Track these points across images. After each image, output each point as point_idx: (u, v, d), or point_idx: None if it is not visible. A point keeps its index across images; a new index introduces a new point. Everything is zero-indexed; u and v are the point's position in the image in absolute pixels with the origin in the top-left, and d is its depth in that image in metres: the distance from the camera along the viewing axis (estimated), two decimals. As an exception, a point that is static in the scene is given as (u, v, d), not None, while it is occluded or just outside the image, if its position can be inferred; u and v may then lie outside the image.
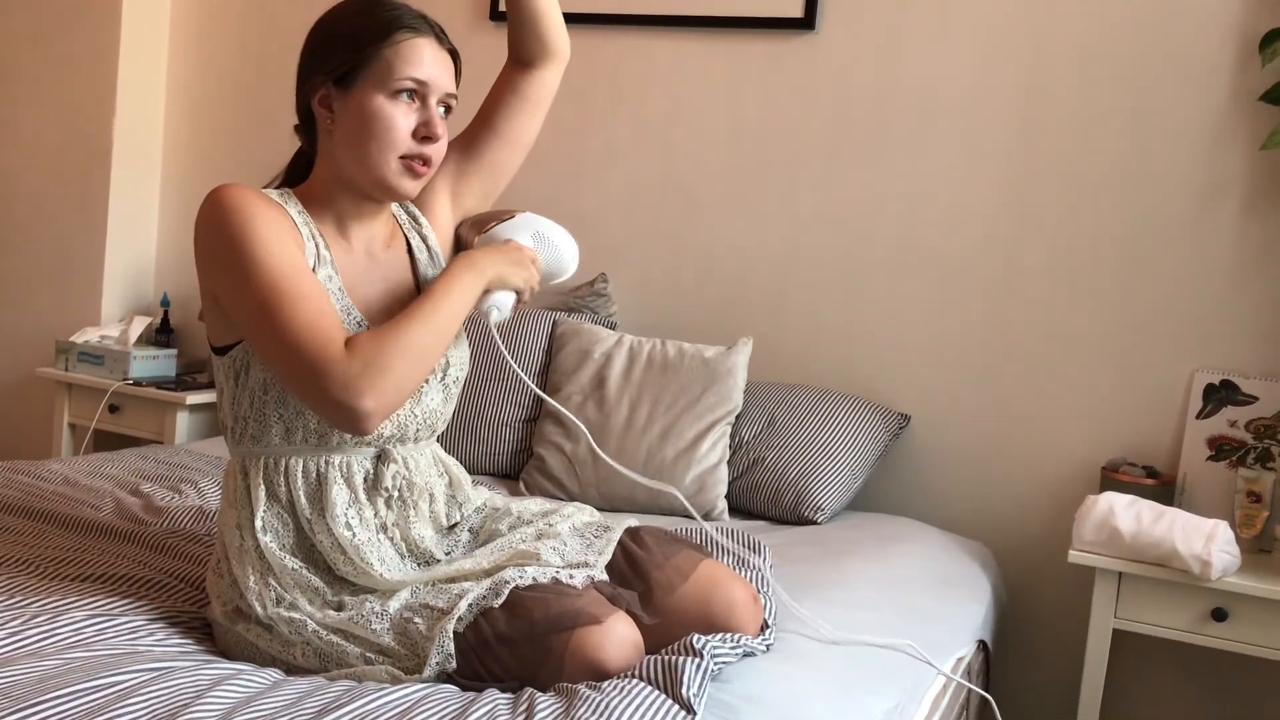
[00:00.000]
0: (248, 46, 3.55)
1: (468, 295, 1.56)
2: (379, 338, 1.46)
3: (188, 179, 3.65)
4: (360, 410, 1.43)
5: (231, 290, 1.50)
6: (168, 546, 1.91)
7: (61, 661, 1.41)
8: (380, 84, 1.55)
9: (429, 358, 1.50)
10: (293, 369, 1.45)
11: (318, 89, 1.59)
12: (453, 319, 1.53)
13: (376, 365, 1.44)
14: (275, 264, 1.47)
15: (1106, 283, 2.68)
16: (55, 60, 3.60)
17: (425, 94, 1.57)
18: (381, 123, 1.55)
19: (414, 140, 1.57)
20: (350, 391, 1.42)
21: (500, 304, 1.61)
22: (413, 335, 1.48)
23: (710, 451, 2.58)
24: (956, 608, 2.21)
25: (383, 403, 1.44)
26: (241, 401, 1.58)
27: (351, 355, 1.44)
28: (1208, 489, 2.54)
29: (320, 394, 1.43)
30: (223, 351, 1.59)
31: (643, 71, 3.08)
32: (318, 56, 1.60)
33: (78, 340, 3.39)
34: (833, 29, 2.90)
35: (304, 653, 1.52)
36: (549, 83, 1.80)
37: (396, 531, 1.61)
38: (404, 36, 1.56)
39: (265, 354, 1.48)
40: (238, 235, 1.48)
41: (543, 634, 1.45)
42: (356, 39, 1.56)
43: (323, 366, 1.43)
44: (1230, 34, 2.56)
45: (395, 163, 1.57)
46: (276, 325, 1.44)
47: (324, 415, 1.46)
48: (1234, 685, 2.59)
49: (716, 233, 3.02)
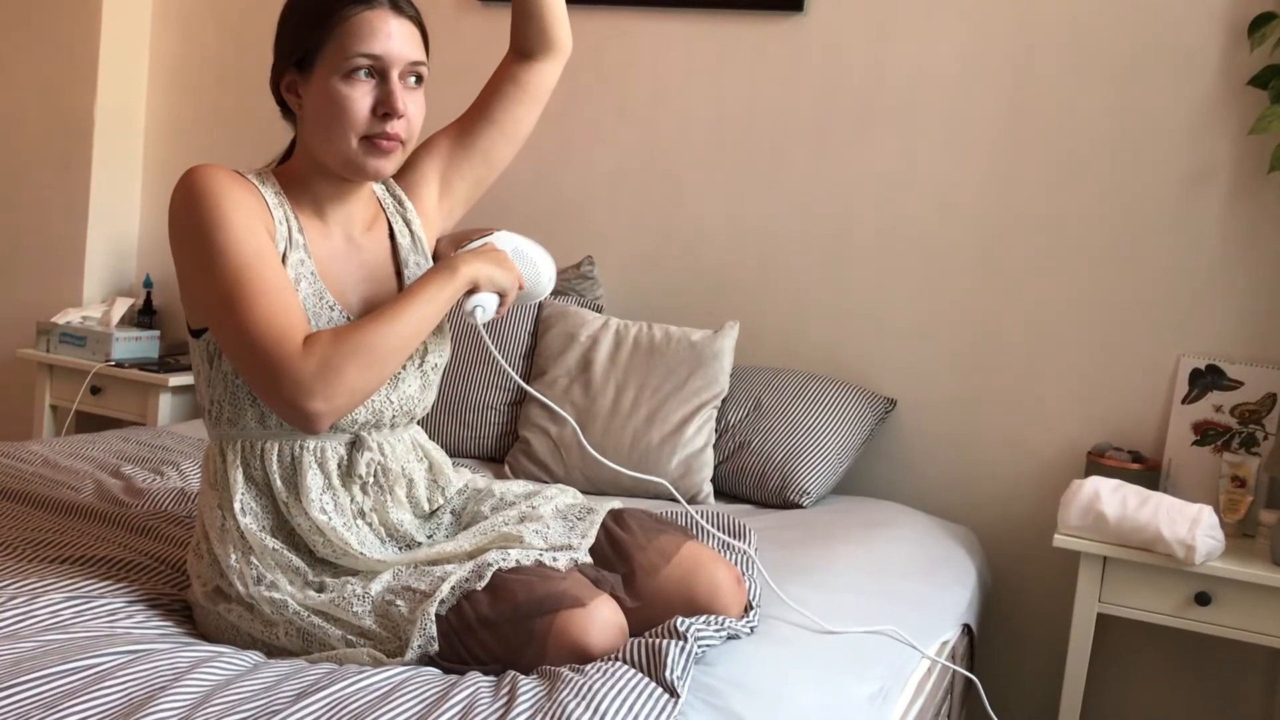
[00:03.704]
0: (229, 25, 3.52)
1: (440, 300, 1.54)
2: (338, 339, 1.45)
3: (170, 159, 3.61)
4: (309, 411, 1.43)
5: (196, 276, 1.49)
6: (148, 529, 1.89)
7: (38, 644, 1.39)
8: (334, 66, 1.52)
9: (389, 362, 1.49)
10: (248, 363, 1.45)
11: (284, 75, 1.58)
12: (421, 323, 1.51)
13: (331, 367, 1.43)
14: (240, 252, 1.46)
15: (1093, 267, 2.67)
16: (36, 40, 3.56)
17: (383, 68, 1.53)
18: (337, 105, 1.52)
19: (374, 118, 1.53)
20: (301, 391, 1.42)
21: (485, 304, 1.60)
22: (374, 338, 1.46)
23: (696, 435, 2.58)
24: (941, 592, 2.21)
25: (333, 405, 1.44)
26: (216, 385, 1.57)
27: (307, 355, 1.43)
28: (1193, 474, 2.55)
29: (272, 391, 1.44)
30: (198, 334, 1.58)
31: (628, 54, 3.06)
32: (281, 41, 1.59)
33: (59, 321, 3.36)
34: (821, 12, 2.89)
35: (286, 632, 1.51)
36: (549, 76, 1.79)
37: (375, 517, 1.60)
38: (352, 12, 1.52)
39: (225, 345, 1.48)
40: (206, 221, 1.47)
41: (526, 617, 1.44)
42: (310, 20, 1.54)
43: (277, 364, 1.42)
44: (1219, 18, 2.56)
45: (357, 143, 1.54)
46: (236, 317, 1.44)
47: (275, 411, 1.47)
48: (1217, 669, 2.60)
49: (703, 216, 3.00)
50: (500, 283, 1.60)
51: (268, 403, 1.47)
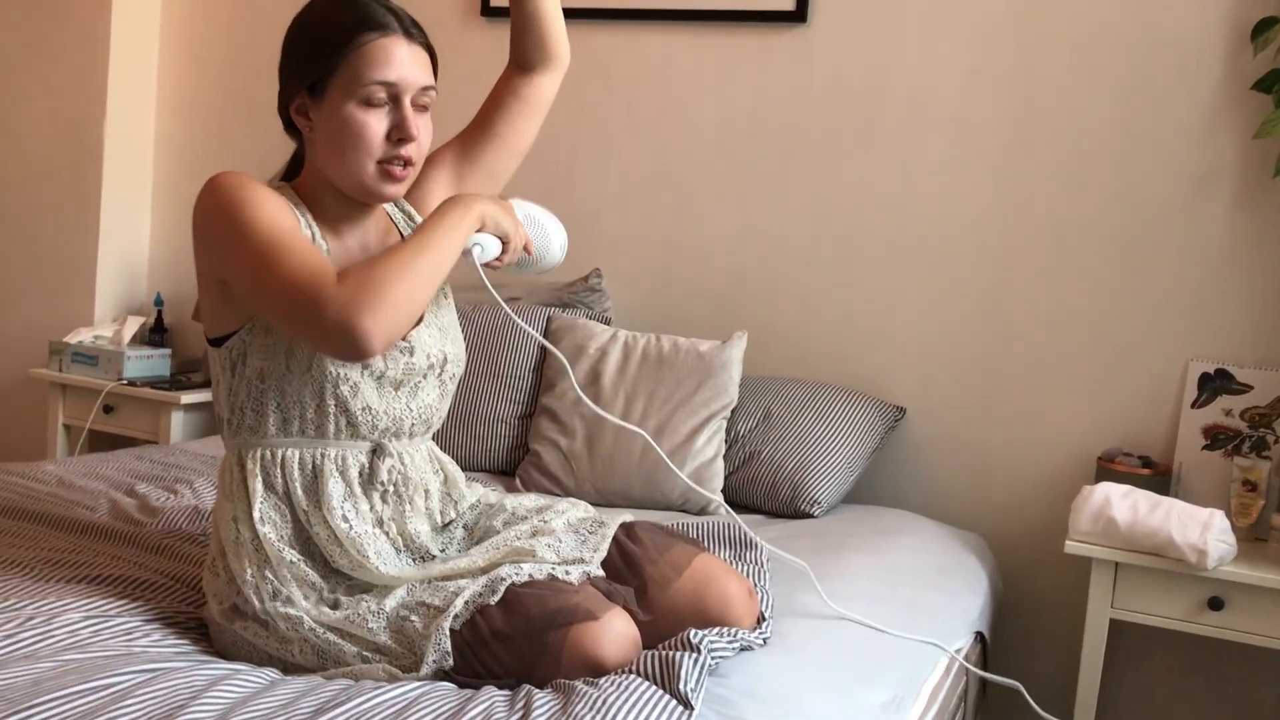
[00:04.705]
0: (238, 45, 3.54)
1: (460, 230, 1.54)
2: (371, 264, 1.46)
3: (179, 178, 3.64)
4: (360, 328, 1.41)
5: (229, 256, 1.50)
6: (163, 547, 1.91)
7: (57, 663, 1.40)
8: (349, 91, 1.54)
9: (424, 281, 1.48)
10: (290, 308, 1.44)
11: (294, 98, 1.59)
12: (447, 249, 1.52)
13: (371, 283, 1.43)
14: (270, 226, 1.48)
15: (1100, 272, 2.68)
16: (46, 60, 3.59)
17: (397, 94, 1.55)
18: (354, 131, 1.54)
19: (389, 143, 1.56)
20: (347, 309, 1.41)
21: (484, 243, 1.59)
22: (406, 260, 1.47)
23: (706, 446, 2.58)
24: (953, 599, 2.21)
25: (381, 320, 1.42)
26: (239, 392, 1.58)
27: (344, 281, 1.44)
28: (1203, 478, 2.55)
29: (318, 322, 1.42)
30: (219, 342, 1.59)
31: (635, 65, 3.08)
32: (290, 64, 1.60)
33: (71, 341, 3.39)
34: (824, 21, 2.90)
35: (301, 649, 1.52)
36: (548, 88, 1.81)
37: (393, 526, 1.61)
38: (368, 39, 1.54)
39: (265, 305, 1.48)
40: (234, 207, 1.49)
41: (540, 630, 1.45)
42: (322, 46, 1.55)
43: (318, 295, 1.42)
44: (1222, 23, 2.56)
45: (373, 168, 1.56)
46: (272, 273, 1.45)
47: (327, 346, 1.45)
48: (1230, 673, 2.60)
49: (710, 227, 3.02)
50: (504, 226, 1.60)
51: (317, 340, 1.45)
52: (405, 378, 1.62)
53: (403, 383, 1.62)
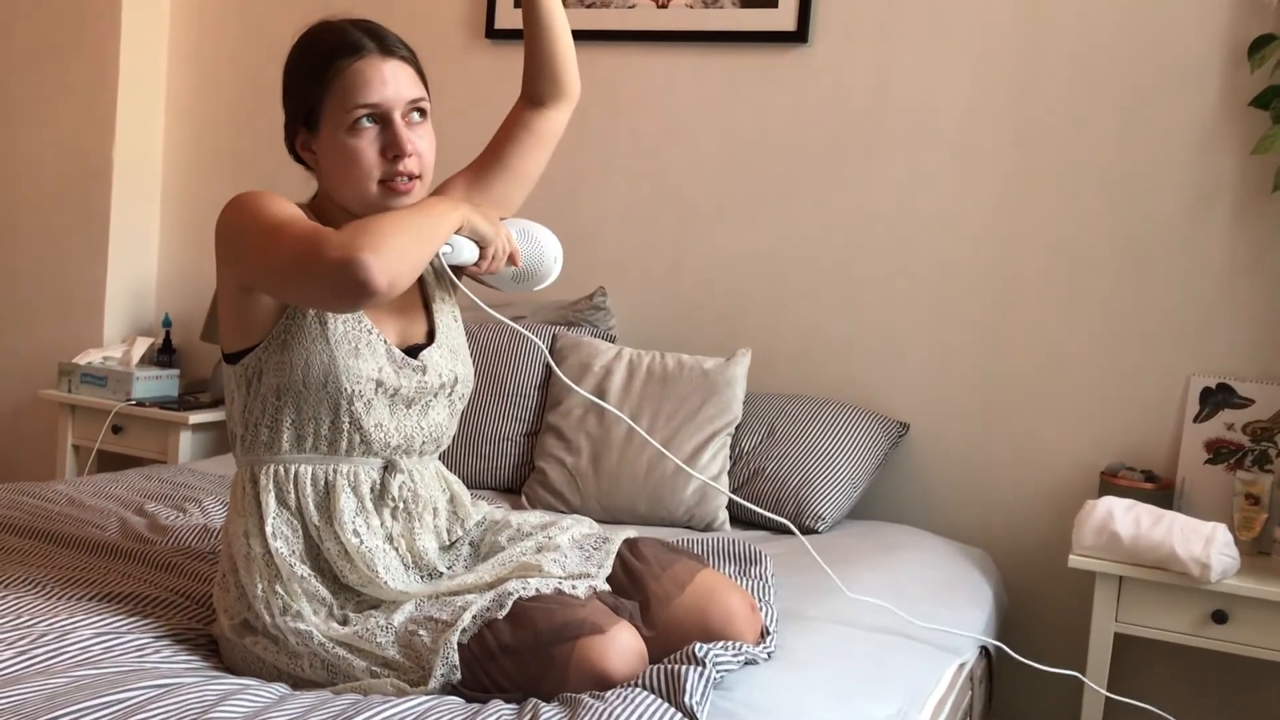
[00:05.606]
0: (246, 68, 3.58)
1: (446, 218, 1.55)
2: (367, 218, 1.48)
3: (188, 201, 3.67)
4: (361, 260, 1.39)
5: (239, 245, 1.54)
6: (173, 565, 1.92)
7: (70, 679, 1.42)
8: (338, 121, 1.57)
9: (420, 237, 1.49)
10: (292, 261, 1.45)
11: (296, 134, 1.63)
12: (437, 227, 1.53)
13: (371, 228, 1.44)
14: (276, 209, 1.52)
15: (1101, 288, 2.70)
16: (54, 84, 3.63)
17: (384, 113, 1.58)
18: (349, 158, 1.58)
19: (386, 161, 1.58)
20: (349, 247, 1.41)
21: (455, 243, 1.60)
22: (401, 216, 1.50)
23: (711, 462, 2.60)
24: (958, 614, 2.21)
25: (382, 257, 1.41)
26: (253, 409, 1.60)
27: (342, 229, 1.46)
28: (1206, 492, 2.56)
29: (320, 263, 1.42)
30: (236, 359, 1.61)
31: (638, 87, 3.11)
32: (286, 102, 1.64)
33: (80, 362, 3.41)
34: (826, 42, 2.93)
35: (311, 664, 1.54)
36: (560, 121, 1.85)
37: (402, 542, 1.63)
38: (344, 65, 1.57)
39: (272, 273, 1.49)
40: (252, 211, 1.53)
41: (547, 644, 1.46)
42: (306, 80, 1.59)
43: (319, 241, 1.43)
44: (1219, 41, 2.59)
45: (376, 188, 1.59)
46: (275, 241, 1.47)
47: (331, 288, 1.43)
48: (1235, 687, 2.60)
49: (714, 245, 3.04)
50: (482, 232, 1.61)
51: (317, 283, 1.44)
52: (417, 396, 1.64)
53: (414, 401, 1.64)
